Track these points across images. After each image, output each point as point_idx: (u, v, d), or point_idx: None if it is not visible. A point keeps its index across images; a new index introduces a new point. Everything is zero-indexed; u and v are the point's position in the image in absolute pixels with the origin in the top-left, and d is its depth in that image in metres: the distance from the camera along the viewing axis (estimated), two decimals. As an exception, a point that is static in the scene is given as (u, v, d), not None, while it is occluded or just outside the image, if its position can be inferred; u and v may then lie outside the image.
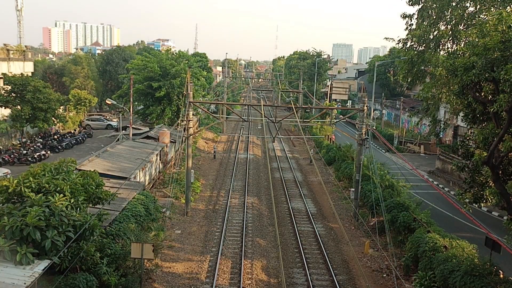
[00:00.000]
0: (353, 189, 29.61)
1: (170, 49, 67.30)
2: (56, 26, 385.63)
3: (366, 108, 28.62)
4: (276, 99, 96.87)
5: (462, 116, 21.63)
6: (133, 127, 41.17)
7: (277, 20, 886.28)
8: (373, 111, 63.39)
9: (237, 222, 27.61)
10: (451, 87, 21.21)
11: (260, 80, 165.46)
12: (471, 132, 21.79)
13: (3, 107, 41.38)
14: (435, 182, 38.14)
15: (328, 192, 32.56)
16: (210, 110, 70.12)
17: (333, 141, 53.13)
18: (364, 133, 28.45)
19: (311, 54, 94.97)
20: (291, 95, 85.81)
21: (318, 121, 49.88)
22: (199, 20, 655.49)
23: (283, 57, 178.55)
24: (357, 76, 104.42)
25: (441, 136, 48.00)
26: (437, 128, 37.92)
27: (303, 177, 41.09)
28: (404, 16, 35.97)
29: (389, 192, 28.03)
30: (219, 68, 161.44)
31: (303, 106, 57.34)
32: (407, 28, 36.31)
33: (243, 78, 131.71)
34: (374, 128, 37.42)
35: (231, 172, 41.08)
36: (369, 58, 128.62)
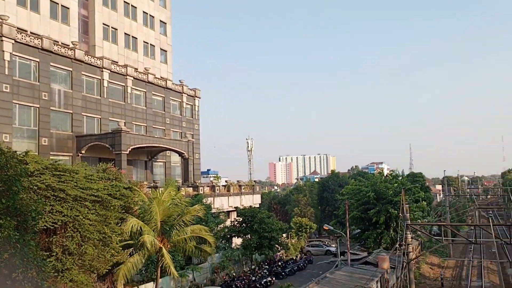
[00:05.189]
0: None
1: (383, 171, 67.51)
2: (279, 160, 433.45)
3: None
4: (510, 217, 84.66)
5: None
6: (351, 252, 40.91)
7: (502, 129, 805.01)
8: None
9: None
10: None
11: (489, 196, 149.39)
12: None
13: (236, 237, 46.61)
14: None
15: None
16: (432, 233, 65.32)
17: None
18: None
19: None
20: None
21: None
22: (412, 140, 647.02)
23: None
24: None
25: None
26: None
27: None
28: None
29: None
30: (438, 187, 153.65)
31: (547, 223, 48.51)
32: None
33: (467, 196, 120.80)
34: None
35: (463, 303, 36.11)
36: None
